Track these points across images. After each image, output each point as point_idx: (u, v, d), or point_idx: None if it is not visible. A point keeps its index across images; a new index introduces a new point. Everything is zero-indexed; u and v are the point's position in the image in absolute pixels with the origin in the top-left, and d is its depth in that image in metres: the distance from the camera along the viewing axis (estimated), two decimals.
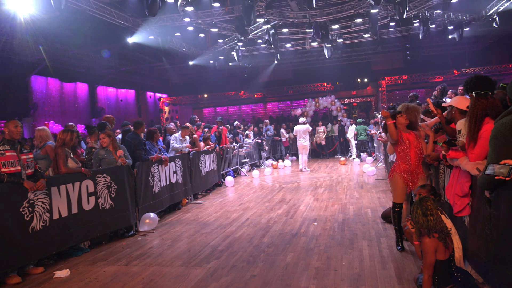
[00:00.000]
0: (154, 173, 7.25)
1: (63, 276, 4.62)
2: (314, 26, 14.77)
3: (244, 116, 26.45)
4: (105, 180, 5.89)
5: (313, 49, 20.45)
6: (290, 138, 18.45)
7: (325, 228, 6.10)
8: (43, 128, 6.21)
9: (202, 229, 6.46)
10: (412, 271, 4.16)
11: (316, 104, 20.57)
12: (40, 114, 17.76)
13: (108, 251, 5.54)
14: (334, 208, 7.49)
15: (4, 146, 4.50)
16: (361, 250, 4.97)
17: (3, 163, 4.41)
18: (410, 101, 9.34)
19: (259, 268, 4.52)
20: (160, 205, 7.38)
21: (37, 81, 17.84)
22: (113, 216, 5.96)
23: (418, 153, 4.69)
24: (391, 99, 22.73)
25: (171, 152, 8.70)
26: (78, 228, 5.33)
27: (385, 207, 6.96)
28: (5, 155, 4.44)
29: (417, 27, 16.54)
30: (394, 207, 4.85)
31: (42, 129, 6.10)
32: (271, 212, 7.40)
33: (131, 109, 24.31)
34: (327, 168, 14.07)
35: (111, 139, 6.27)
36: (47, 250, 4.87)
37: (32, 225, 4.64)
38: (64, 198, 5.13)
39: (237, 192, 10.07)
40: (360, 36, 18.05)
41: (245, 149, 14.41)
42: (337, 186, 10.05)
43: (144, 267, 4.79)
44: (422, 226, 3.28)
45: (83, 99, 20.72)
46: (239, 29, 13.95)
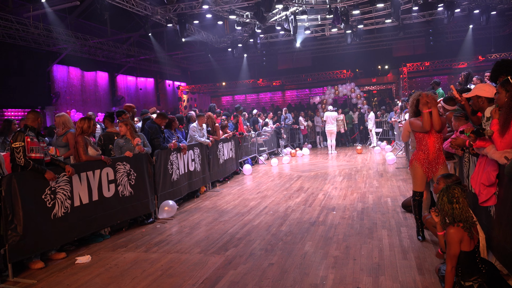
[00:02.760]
0: (172, 161, 7.29)
1: (85, 261, 4.71)
2: (334, 12, 14.49)
3: (263, 104, 26.36)
4: (125, 168, 5.95)
5: (333, 36, 20.12)
6: (309, 126, 18.31)
7: (344, 217, 6.03)
8: (63, 114, 6.21)
9: (220, 217, 6.48)
10: (433, 261, 4.07)
11: (335, 91, 20.30)
12: (62, 103, 18.09)
13: (128, 238, 5.62)
14: (353, 196, 7.40)
15: (31, 132, 4.59)
16: (381, 239, 4.89)
17: (31, 148, 4.49)
18: (432, 88, 9.10)
19: (277, 257, 4.51)
20: (179, 192, 7.43)
21: (59, 70, 18.13)
22: (132, 204, 6.03)
23: (437, 142, 4.55)
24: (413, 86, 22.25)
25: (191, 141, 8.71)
26: (99, 215, 5.41)
27: (405, 196, 6.84)
28: (33, 141, 4.53)
29: (441, 11, 16.03)
30: (414, 196, 4.75)
31: (62, 115, 6.10)
32: (289, 201, 7.37)
33: (150, 97, 24.52)
34: (346, 157, 13.92)
35: (128, 127, 6.30)
36: (68, 236, 4.96)
37: (54, 211, 4.73)
38: (85, 186, 5.21)
39: (255, 180, 10.06)
40: (381, 22, 17.62)
41: (263, 137, 14.36)
42: (356, 174, 9.92)
43: (163, 254, 4.83)
44: (447, 214, 3.18)
45: (104, 87, 20.98)
46: (257, 15, 13.81)
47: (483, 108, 3.74)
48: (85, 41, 16.74)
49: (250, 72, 25.46)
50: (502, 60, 3.92)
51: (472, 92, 3.89)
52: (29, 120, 4.68)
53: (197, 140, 8.57)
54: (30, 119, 4.68)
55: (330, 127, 15.19)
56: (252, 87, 25.58)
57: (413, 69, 21.68)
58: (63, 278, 4.27)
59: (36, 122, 4.71)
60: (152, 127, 7.12)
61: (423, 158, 4.60)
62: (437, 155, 4.57)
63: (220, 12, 15.02)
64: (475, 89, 3.89)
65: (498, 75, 3.81)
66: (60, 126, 6.04)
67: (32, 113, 4.75)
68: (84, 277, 4.28)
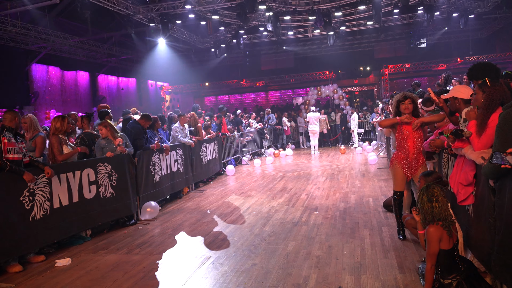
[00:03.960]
0: (155, 161, 7.22)
1: (64, 264, 4.63)
2: (317, 13, 14.60)
3: (246, 105, 26.34)
4: (106, 169, 5.86)
5: (316, 37, 20.26)
6: (292, 127, 18.39)
7: (327, 217, 6.08)
8: (31, 115, 5.86)
9: (203, 218, 6.45)
10: (414, 260, 4.14)
11: (318, 92, 20.44)
12: (41, 103, 17.71)
13: (110, 240, 5.54)
14: (335, 196, 7.47)
15: (8, 133, 4.47)
16: (363, 238, 4.95)
17: (8, 149, 4.38)
18: (413, 89, 9.26)
19: (260, 257, 4.51)
20: (161, 193, 7.37)
21: (38, 69, 17.74)
22: (114, 205, 5.95)
23: (417, 143, 4.64)
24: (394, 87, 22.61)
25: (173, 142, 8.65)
26: (79, 216, 5.32)
27: (386, 196, 6.93)
28: (11, 141, 4.42)
29: (421, 14, 16.32)
30: (394, 195, 4.83)
31: (30, 117, 5.77)
32: (272, 201, 7.39)
33: (132, 97, 24.22)
34: (328, 157, 14.03)
35: (108, 129, 6.19)
36: (48, 238, 4.87)
37: (33, 213, 4.63)
38: (64, 187, 5.11)
39: (238, 181, 10.05)
40: (363, 24, 17.84)
41: (246, 138, 14.36)
42: (339, 174, 10.01)
43: (145, 256, 4.78)
44: (427, 212, 3.24)
45: (84, 87, 20.63)
46: (240, 16, 13.81)
47: (460, 109, 3.83)
48: (65, 40, 16.42)
49: (234, 72, 25.41)
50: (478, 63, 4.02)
51: (449, 94, 3.98)
52: (6, 120, 4.56)
53: (179, 141, 8.52)
54: (7, 119, 4.57)
55: (312, 128, 15.30)
56: (236, 88, 25.54)
57: (394, 71, 22.00)
58: (42, 282, 4.19)
59: (13, 122, 4.60)
60: (135, 128, 7.04)
61: (403, 158, 4.68)
62: (417, 155, 4.65)
63: (203, 12, 14.97)
64: (452, 90, 3.98)
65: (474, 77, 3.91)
66: (30, 129, 5.72)
67: (9, 113, 4.63)
68: (64, 280, 4.20)
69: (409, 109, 4.62)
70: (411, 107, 4.61)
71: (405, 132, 4.64)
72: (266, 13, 14.89)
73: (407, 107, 4.61)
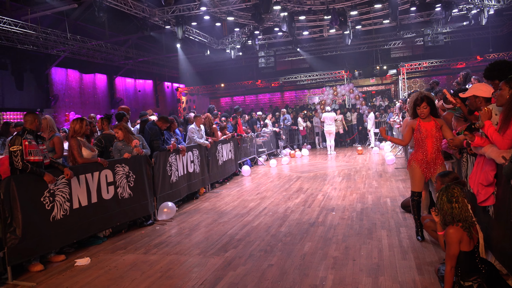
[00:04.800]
0: (171, 162, 7.28)
1: (84, 264, 4.71)
2: (332, 13, 14.51)
3: (262, 105, 26.37)
4: (124, 170, 5.94)
5: (331, 37, 20.14)
6: (308, 127, 18.31)
7: (343, 217, 6.03)
8: (45, 116, 5.94)
9: (219, 218, 6.48)
10: (433, 261, 4.07)
11: (334, 92, 20.31)
12: (60, 106, 18.08)
13: (127, 240, 5.61)
14: (352, 197, 7.41)
15: (29, 135, 4.56)
16: (380, 239, 4.89)
17: (29, 151, 4.47)
18: (431, 88, 9.12)
19: (276, 257, 4.50)
20: (178, 194, 7.42)
21: (57, 72, 18.12)
22: (131, 206, 6.03)
23: (436, 143, 4.56)
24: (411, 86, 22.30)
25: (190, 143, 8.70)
26: (98, 217, 5.40)
27: (404, 196, 6.84)
28: (32, 144, 4.51)
29: (439, 11, 16.06)
30: (412, 196, 4.77)
31: (43, 118, 5.82)
32: (289, 201, 7.37)
33: (149, 99, 24.51)
34: (345, 157, 13.92)
35: (124, 131, 6.26)
36: (68, 238, 4.96)
37: (53, 214, 4.73)
38: (83, 188, 5.20)
39: (254, 181, 10.06)
40: (379, 22, 17.66)
41: (262, 138, 14.36)
42: (355, 175, 9.93)
43: (162, 256, 4.83)
44: (446, 213, 3.18)
45: (102, 90, 20.98)
46: (255, 17, 13.83)
47: (480, 108, 3.75)
48: (83, 43, 16.73)
49: (249, 73, 25.46)
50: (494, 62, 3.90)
51: (469, 92, 3.89)
52: (27, 123, 4.65)
53: (196, 142, 8.57)
54: (28, 122, 4.66)
55: (328, 128, 15.23)
56: (251, 88, 25.60)
57: (411, 69, 21.71)
58: (62, 281, 4.27)
59: (34, 124, 4.68)
60: (152, 129, 7.12)
61: (421, 158, 4.61)
62: (436, 155, 4.57)
63: (218, 14, 15.05)
64: (472, 89, 3.89)
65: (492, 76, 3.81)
66: (46, 130, 5.80)
67: (30, 115, 4.70)
68: (84, 279, 4.27)
69: (425, 114, 4.56)
70: (426, 112, 4.55)
71: (423, 132, 4.57)
72: (281, 14, 14.88)
73: (423, 112, 4.55)
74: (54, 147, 5.71)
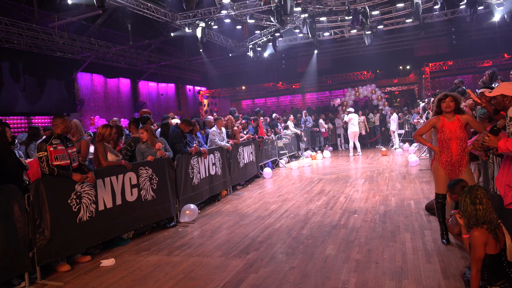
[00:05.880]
0: (193, 165, 7.37)
1: (109, 264, 4.82)
2: (353, 13, 14.38)
3: (283, 107, 26.33)
4: (147, 173, 6.05)
5: (352, 37, 19.94)
6: (330, 129, 18.18)
7: (366, 220, 5.97)
8: (74, 121, 6.11)
9: (241, 221, 6.51)
10: (458, 265, 3.98)
11: (355, 93, 20.11)
12: (86, 110, 18.52)
13: (151, 242, 5.71)
14: (375, 199, 7.32)
15: (56, 140, 4.71)
16: (404, 242, 4.82)
17: (55, 157, 4.62)
18: (456, 87, 8.92)
19: (298, 260, 4.50)
20: (200, 196, 7.50)
21: (83, 77, 18.58)
22: (155, 207, 6.13)
23: (460, 144, 4.45)
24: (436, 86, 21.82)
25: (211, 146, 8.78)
26: (122, 218, 5.52)
27: (429, 199, 6.71)
28: (57, 149, 4.66)
29: (464, 9, 15.68)
30: (437, 198, 4.68)
31: (73, 122, 5.96)
32: (310, 204, 7.34)
33: (172, 102, 24.83)
34: (367, 159, 13.76)
35: (150, 133, 6.40)
36: (93, 239, 5.08)
37: (80, 215, 4.86)
38: (108, 190, 5.33)
39: (276, 183, 10.06)
40: (401, 22, 17.36)
41: (283, 141, 14.35)
42: (378, 177, 9.80)
43: (185, 258, 4.89)
44: (470, 215, 3.12)
45: (126, 94, 21.39)
46: (276, 19, 13.82)
47: (507, 108, 3.64)
48: (107, 48, 17.12)
49: (270, 75, 25.48)
50: None
51: (496, 91, 3.79)
52: (55, 127, 4.79)
53: (217, 144, 8.64)
54: (56, 125, 4.79)
55: (354, 129, 14.93)
56: (272, 90, 25.61)
57: (435, 69, 21.27)
58: (88, 281, 4.38)
59: (61, 128, 4.78)
60: (175, 132, 7.23)
61: (446, 160, 4.52)
62: (460, 157, 4.47)
63: (238, 17, 15.12)
64: (499, 87, 3.78)
65: None
66: (76, 134, 6.00)
67: (58, 119, 4.80)
68: (109, 279, 4.37)
69: (451, 107, 4.46)
70: (452, 105, 4.46)
71: (447, 133, 4.48)
72: (302, 15, 14.84)
73: (449, 105, 4.46)
74: (80, 149, 5.89)
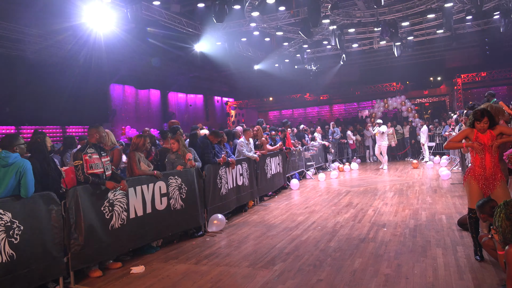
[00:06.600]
0: (221, 175, 7.45)
1: (139, 272, 4.92)
2: (382, 25, 14.28)
3: (310, 119, 26.27)
4: (176, 182, 6.17)
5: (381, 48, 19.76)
6: (358, 141, 17.99)
7: (395, 234, 5.86)
8: (106, 131, 6.10)
9: (268, 231, 6.52)
10: (493, 283, 3.85)
11: (384, 105, 19.84)
12: (118, 120, 19.07)
13: (179, 250, 5.79)
14: (404, 213, 7.17)
15: (91, 149, 4.90)
16: (435, 258, 4.70)
17: (90, 165, 4.81)
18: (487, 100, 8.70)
19: (325, 273, 4.46)
20: (228, 206, 7.56)
21: (115, 89, 19.18)
22: (183, 216, 6.23)
23: (495, 156, 4.34)
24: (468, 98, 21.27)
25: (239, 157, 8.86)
26: (152, 226, 5.64)
27: (461, 214, 6.52)
28: (92, 158, 4.85)
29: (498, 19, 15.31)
30: (470, 213, 4.55)
31: (109, 132, 6.23)
32: (338, 216, 7.27)
33: (200, 113, 25.23)
34: (397, 172, 13.50)
35: (180, 143, 6.55)
36: (125, 246, 5.21)
37: (112, 223, 5.00)
38: (139, 199, 5.47)
39: (303, 195, 10.01)
40: (432, 33, 17.09)
41: (310, 152, 14.29)
42: (408, 190, 9.60)
43: (212, 267, 4.94)
44: (506, 231, 3.03)
45: (156, 104, 21.90)
46: (304, 31, 13.90)
47: None
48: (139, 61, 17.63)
49: (297, 86, 25.52)
50: None
51: None
52: (90, 136, 4.99)
53: (245, 155, 8.71)
54: (91, 135, 5.00)
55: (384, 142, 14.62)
56: (299, 102, 25.61)
57: (468, 80, 20.76)
58: (119, 287, 4.49)
59: (96, 138, 4.99)
60: (204, 142, 7.37)
61: (480, 173, 4.40)
62: (494, 170, 4.35)
63: (267, 29, 15.30)
64: None
65: None
66: (108, 142, 6.15)
67: (92, 129, 5.02)
68: (139, 286, 4.47)
69: (485, 129, 4.37)
70: (486, 126, 4.36)
71: (482, 145, 4.38)
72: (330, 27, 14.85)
73: (483, 127, 4.36)
74: (113, 158, 6.08)
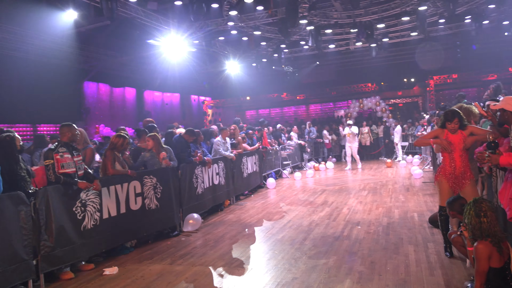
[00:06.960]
0: (197, 174, 7.40)
1: (112, 273, 4.82)
2: (359, 26, 14.49)
3: (287, 118, 26.39)
4: (151, 181, 6.09)
5: (357, 49, 20.04)
6: (333, 140, 18.20)
7: (369, 231, 5.95)
8: (79, 129, 5.89)
9: (244, 231, 6.51)
10: (462, 278, 3.97)
11: (360, 105, 20.14)
12: (91, 118, 18.65)
13: (154, 250, 5.72)
14: (378, 211, 7.30)
15: (62, 148, 4.77)
16: (407, 255, 4.80)
17: (61, 165, 4.68)
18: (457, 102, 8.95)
19: (300, 271, 4.49)
20: (203, 206, 7.52)
21: (89, 86, 18.75)
22: (158, 216, 6.15)
23: (464, 155, 4.47)
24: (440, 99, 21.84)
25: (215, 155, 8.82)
26: (126, 227, 5.54)
27: (432, 211, 6.69)
28: (63, 157, 4.72)
29: (469, 23, 15.78)
30: (440, 211, 4.67)
31: (82, 130, 6.03)
32: (313, 215, 7.33)
33: (176, 112, 24.95)
34: (371, 170, 13.73)
35: (156, 142, 6.46)
36: (97, 248, 5.10)
37: (84, 223, 4.89)
38: (113, 198, 5.36)
39: (279, 194, 10.06)
40: (407, 35, 17.47)
41: (287, 151, 14.37)
42: (382, 188, 9.78)
43: (187, 267, 4.90)
44: (475, 228, 3.13)
45: (131, 103, 21.53)
46: (282, 31, 13.96)
47: (509, 122, 3.67)
48: (114, 58, 17.29)
49: (274, 86, 25.60)
50: None
51: (498, 105, 3.82)
52: (63, 135, 4.86)
53: (221, 154, 8.67)
54: (63, 134, 4.86)
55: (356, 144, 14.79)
56: (276, 101, 25.70)
57: (440, 82, 21.28)
58: None
59: (68, 136, 4.87)
60: (179, 142, 7.30)
61: (450, 172, 4.53)
62: (464, 169, 4.48)
63: (245, 29, 15.27)
64: (501, 102, 3.81)
65: None
66: (80, 142, 5.94)
67: (64, 128, 4.89)
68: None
69: (455, 130, 4.49)
70: (457, 127, 4.48)
71: (451, 145, 4.50)
72: (307, 27, 14.96)
73: (454, 128, 4.48)
74: (85, 157, 5.93)
